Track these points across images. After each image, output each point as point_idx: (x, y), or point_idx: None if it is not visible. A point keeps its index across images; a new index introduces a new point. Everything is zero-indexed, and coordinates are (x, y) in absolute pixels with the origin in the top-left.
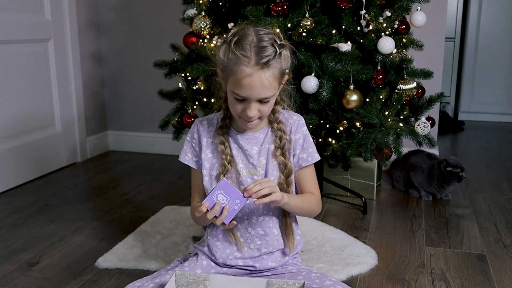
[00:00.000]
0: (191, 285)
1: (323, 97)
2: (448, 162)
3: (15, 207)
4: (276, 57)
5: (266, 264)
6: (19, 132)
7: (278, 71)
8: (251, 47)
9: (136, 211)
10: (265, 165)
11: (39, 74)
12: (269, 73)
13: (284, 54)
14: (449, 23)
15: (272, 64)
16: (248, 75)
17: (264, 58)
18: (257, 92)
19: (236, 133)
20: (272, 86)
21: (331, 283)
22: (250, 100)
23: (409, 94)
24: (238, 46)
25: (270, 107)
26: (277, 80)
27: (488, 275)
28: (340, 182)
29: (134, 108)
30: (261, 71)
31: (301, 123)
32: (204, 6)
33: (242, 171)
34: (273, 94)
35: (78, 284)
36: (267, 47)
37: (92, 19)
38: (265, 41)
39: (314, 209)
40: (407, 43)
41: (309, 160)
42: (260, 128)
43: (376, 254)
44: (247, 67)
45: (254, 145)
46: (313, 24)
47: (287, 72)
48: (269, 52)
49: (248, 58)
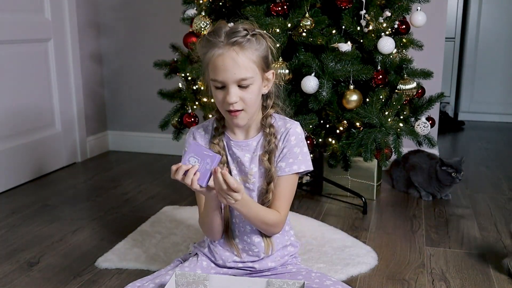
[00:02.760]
0: (191, 285)
1: (323, 97)
2: (442, 161)
3: (15, 207)
4: (248, 38)
5: (265, 265)
6: (19, 132)
7: (255, 55)
8: (224, 32)
9: (136, 211)
10: (256, 172)
11: (39, 74)
12: (242, 53)
13: (259, 40)
14: (449, 23)
15: (244, 45)
16: (220, 55)
17: (233, 37)
18: (231, 72)
19: (229, 139)
20: (247, 67)
21: (331, 283)
22: (228, 84)
23: (409, 94)
24: (211, 33)
25: (254, 95)
26: (256, 64)
27: (488, 275)
28: (340, 182)
29: (134, 108)
30: (233, 50)
31: (292, 131)
32: (204, 6)
33: (235, 178)
34: (250, 76)
35: (78, 284)
36: (239, 31)
37: (92, 19)
38: (238, 28)
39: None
40: (407, 43)
41: (285, 171)
42: (252, 135)
43: (376, 254)
44: (219, 48)
45: (246, 153)
46: (313, 24)
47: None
48: (240, 34)
49: (220, 41)
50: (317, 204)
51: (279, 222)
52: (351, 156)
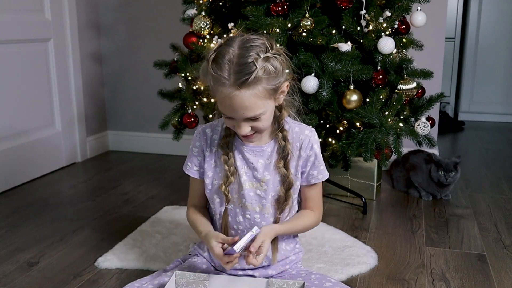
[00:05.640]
0: (191, 285)
1: (323, 97)
2: (433, 160)
3: (15, 207)
4: (257, 75)
5: (266, 273)
6: (19, 132)
7: (266, 89)
8: (229, 65)
9: (136, 211)
10: (269, 180)
11: (39, 74)
12: (250, 93)
13: (270, 68)
14: (449, 23)
15: (252, 83)
16: (227, 97)
17: (241, 78)
18: (240, 112)
19: (241, 143)
20: (256, 105)
21: (331, 284)
22: (238, 120)
23: (409, 94)
24: (215, 64)
25: (266, 122)
26: (265, 96)
27: (488, 275)
28: (340, 182)
29: (134, 108)
30: (240, 92)
31: (313, 139)
32: (204, 6)
33: (245, 183)
34: (260, 112)
35: (78, 284)
36: (246, 64)
37: (92, 19)
38: (245, 57)
39: (309, 227)
40: (407, 43)
41: (319, 178)
42: (266, 141)
43: (376, 254)
44: (226, 88)
45: (260, 158)
46: (313, 24)
47: (282, 82)
48: (248, 70)
49: (225, 78)
50: None
51: (318, 220)
52: (351, 156)
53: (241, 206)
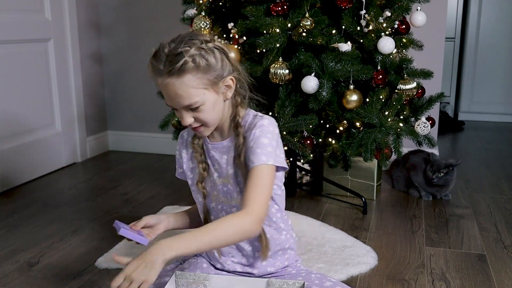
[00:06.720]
0: (191, 285)
1: (323, 97)
2: (428, 159)
3: (15, 207)
4: (185, 64)
5: (265, 270)
6: (19, 132)
7: (196, 81)
8: (165, 57)
9: (136, 211)
10: (232, 174)
11: (39, 74)
12: (180, 81)
13: (201, 60)
14: (449, 23)
15: (180, 71)
16: (162, 85)
17: (170, 66)
18: (176, 101)
19: (207, 142)
20: (189, 94)
21: (331, 284)
22: (177, 109)
23: (409, 94)
24: (154, 58)
25: (208, 114)
26: (201, 86)
27: (488, 275)
28: (340, 182)
29: (134, 108)
30: (171, 79)
31: (259, 124)
32: (204, 6)
33: (217, 179)
34: (196, 100)
35: (78, 284)
36: (176, 54)
37: (92, 19)
38: (177, 49)
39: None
40: (407, 43)
41: (254, 162)
42: (226, 137)
43: (376, 254)
44: (160, 77)
45: (223, 154)
46: (313, 24)
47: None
48: (177, 60)
49: (160, 68)
50: (317, 204)
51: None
52: (351, 156)
53: (222, 202)
